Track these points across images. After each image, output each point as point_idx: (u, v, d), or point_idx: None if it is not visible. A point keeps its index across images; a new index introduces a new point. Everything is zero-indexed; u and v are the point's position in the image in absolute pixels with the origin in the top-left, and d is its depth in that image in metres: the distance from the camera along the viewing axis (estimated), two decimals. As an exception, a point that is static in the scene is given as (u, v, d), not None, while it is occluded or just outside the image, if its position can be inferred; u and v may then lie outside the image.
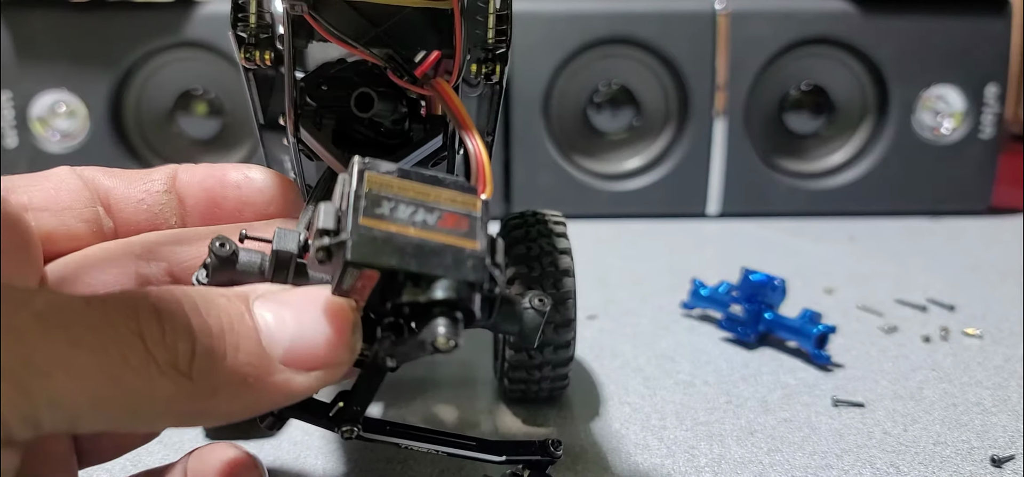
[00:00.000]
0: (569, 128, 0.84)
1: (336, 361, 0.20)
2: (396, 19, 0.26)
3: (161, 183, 0.27)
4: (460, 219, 0.21)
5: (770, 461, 0.35)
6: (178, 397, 0.18)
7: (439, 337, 0.19)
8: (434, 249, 0.20)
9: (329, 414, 0.26)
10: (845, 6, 0.80)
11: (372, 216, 0.20)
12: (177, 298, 0.19)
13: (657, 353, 0.47)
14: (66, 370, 0.17)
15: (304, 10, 0.24)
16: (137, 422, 0.19)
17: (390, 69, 0.26)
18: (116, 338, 0.18)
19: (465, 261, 0.20)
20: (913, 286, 0.60)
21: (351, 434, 0.26)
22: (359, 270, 0.19)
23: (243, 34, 0.26)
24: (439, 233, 0.20)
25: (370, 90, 0.27)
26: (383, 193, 0.20)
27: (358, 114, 0.27)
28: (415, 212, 0.20)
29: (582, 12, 0.79)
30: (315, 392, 0.21)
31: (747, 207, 0.84)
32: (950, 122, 0.83)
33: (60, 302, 0.18)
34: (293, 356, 0.20)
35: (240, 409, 0.20)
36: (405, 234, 0.20)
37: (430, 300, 0.19)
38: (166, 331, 0.18)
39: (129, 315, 0.18)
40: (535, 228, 0.37)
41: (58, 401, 0.17)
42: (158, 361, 0.18)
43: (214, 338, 0.19)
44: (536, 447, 0.30)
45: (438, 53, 0.26)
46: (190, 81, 0.79)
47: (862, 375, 0.44)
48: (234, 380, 0.19)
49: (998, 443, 0.36)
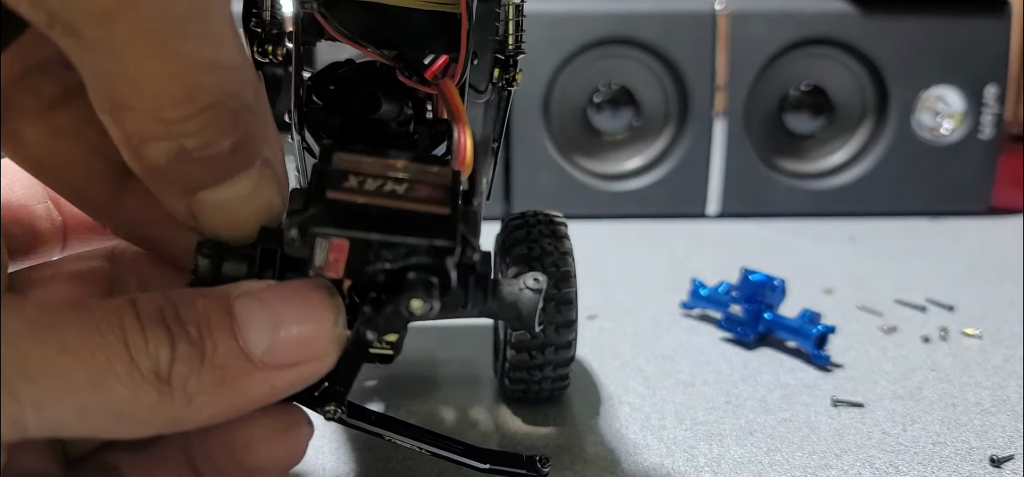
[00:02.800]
0: (569, 128, 0.84)
1: (319, 354, 0.20)
2: (405, 21, 0.26)
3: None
4: (432, 189, 0.20)
5: (769, 461, 0.35)
6: (160, 405, 0.18)
7: (413, 301, 0.19)
8: (403, 216, 0.20)
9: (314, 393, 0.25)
10: (845, 7, 0.80)
11: (339, 189, 0.20)
12: (159, 304, 0.19)
13: (657, 353, 0.47)
14: (53, 376, 0.17)
15: (314, 9, 0.24)
16: (121, 429, 0.19)
17: (399, 69, 0.26)
18: (103, 345, 0.18)
19: (435, 226, 0.20)
20: (913, 286, 0.60)
21: (333, 414, 0.25)
22: (327, 241, 0.19)
23: (257, 29, 0.25)
24: (409, 202, 0.20)
25: (377, 91, 0.27)
26: (351, 168, 0.20)
27: (364, 114, 0.27)
28: (384, 184, 0.20)
29: (582, 12, 0.79)
30: (300, 388, 0.20)
31: (747, 207, 0.84)
32: (950, 123, 0.83)
33: (50, 308, 0.18)
34: (274, 353, 0.19)
35: (221, 412, 0.20)
36: (374, 204, 0.20)
37: (402, 266, 0.19)
38: (148, 339, 0.18)
39: (115, 323, 0.18)
40: (536, 228, 0.36)
41: (44, 407, 0.17)
42: (141, 369, 0.18)
43: (192, 344, 0.19)
44: (523, 461, 0.29)
45: (446, 57, 0.26)
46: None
47: (861, 375, 0.44)
48: (211, 384, 0.19)
49: (997, 443, 0.36)
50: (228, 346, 0.19)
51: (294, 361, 0.20)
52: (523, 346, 0.36)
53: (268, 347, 0.19)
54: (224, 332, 0.19)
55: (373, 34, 0.26)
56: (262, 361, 0.19)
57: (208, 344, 0.19)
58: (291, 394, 0.21)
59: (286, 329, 0.20)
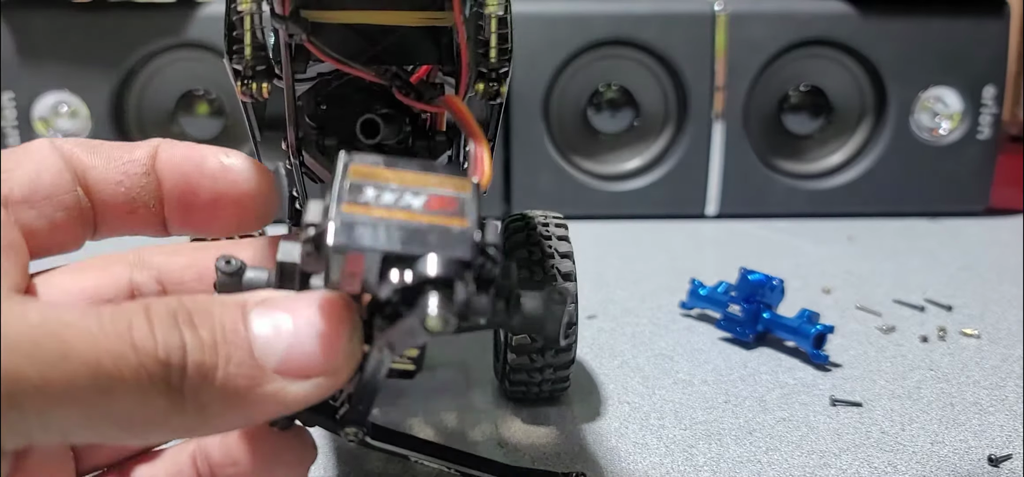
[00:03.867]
0: (569, 129, 0.84)
1: (332, 367, 0.20)
2: (392, 36, 0.26)
3: (141, 164, 0.25)
4: (448, 201, 0.20)
5: (768, 460, 0.35)
6: (170, 412, 0.18)
7: (429, 317, 0.18)
8: (420, 229, 0.19)
9: (336, 416, 0.25)
10: (843, 8, 0.80)
11: (355, 203, 0.19)
12: (172, 310, 0.18)
13: (656, 353, 0.47)
14: (58, 385, 0.17)
15: (303, 39, 0.24)
16: (130, 436, 0.18)
17: (396, 88, 0.26)
18: (110, 352, 0.17)
19: (453, 239, 0.19)
20: (911, 286, 0.60)
21: (355, 437, 0.25)
22: (342, 256, 0.19)
23: (239, 67, 0.25)
24: (426, 215, 0.20)
25: (375, 116, 0.26)
26: (367, 181, 0.20)
27: (365, 142, 0.27)
28: (401, 197, 0.20)
29: (582, 13, 0.80)
30: (314, 402, 0.20)
31: (745, 207, 0.84)
32: (948, 123, 0.83)
33: (55, 315, 0.18)
34: (288, 364, 0.19)
35: (233, 422, 0.19)
36: (390, 218, 0.19)
37: (418, 279, 0.19)
38: (159, 345, 0.18)
39: (123, 328, 0.18)
40: (536, 230, 0.37)
41: (49, 415, 0.17)
42: (151, 376, 0.17)
43: (206, 351, 0.18)
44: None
45: (428, 67, 0.26)
46: (192, 82, 0.79)
47: (860, 375, 0.44)
48: (225, 394, 0.18)
49: (995, 442, 0.36)
50: (242, 355, 0.19)
51: (308, 373, 0.19)
52: (524, 349, 0.36)
53: (282, 358, 0.19)
54: (238, 340, 0.19)
55: (361, 53, 0.25)
56: (276, 371, 0.19)
57: (222, 352, 0.18)
58: (307, 408, 0.21)
59: (300, 340, 0.19)
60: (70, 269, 0.25)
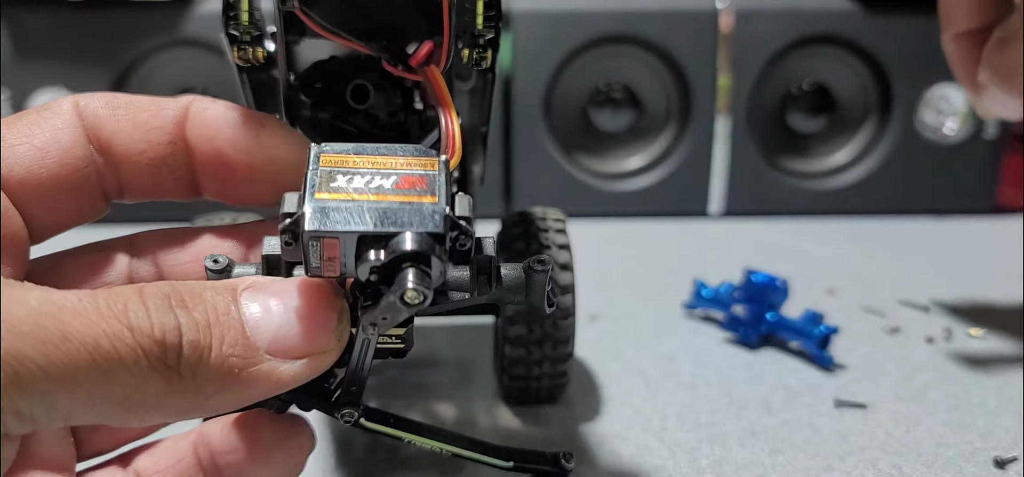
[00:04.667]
0: (570, 127, 0.84)
1: (320, 347, 0.21)
2: (386, 10, 0.26)
3: (166, 132, 0.24)
4: (417, 179, 0.21)
5: (772, 462, 0.34)
6: (168, 393, 0.19)
7: (407, 290, 0.19)
8: (391, 209, 0.20)
9: (331, 399, 0.26)
10: (848, 5, 0.80)
11: (327, 190, 0.20)
12: (164, 293, 0.19)
13: (659, 354, 0.47)
14: (60, 367, 0.17)
15: (296, 6, 0.24)
16: (129, 417, 0.19)
17: (384, 59, 0.26)
18: (108, 335, 0.18)
19: (424, 215, 0.20)
20: (916, 287, 0.60)
21: (351, 418, 0.26)
22: (319, 242, 0.20)
23: (235, 32, 0.25)
24: (397, 195, 0.21)
25: (366, 82, 0.27)
26: (338, 168, 0.21)
27: (354, 106, 0.27)
28: (371, 180, 0.21)
29: (584, 10, 0.79)
30: (304, 380, 0.21)
31: (749, 207, 0.84)
32: (953, 122, 0.82)
33: (54, 298, 0.18)
34: (278, 345, 0.20)
35: (228, 401, 0.20)
36: (362, 200, 0.20)
37: (393, 256, 0.20)
38: (155, 326, 0.18)
39: (120, 311, 0.18)
40: (533, 225, 0.37)
41: (52, 397, 0.18)
42: (148, 357, 0.18)
43: (200, 332, 0.19)
44: (547, 458, 0.29)
45: (431, 43, 0.26)
46: (188, 79, 0.79)
47: (865, 376, 0.43)
48: (220, 374, 0.19)
49: (1001, 444, 0.36)
50: (235, 335, 0.20)
51: (298, 352, 0.20)
52: (521, 341, 0.36)
53: (273, 338, 0.20)
54: (231, 321, 0.20)
55: (355, 27, 0.26)
56: (267, 351, 0.20)
57: (215, 332, 0.19)
58: (301, 390, 0.22)
59: (290, 320, 0.20)
60: (69, 254, 0.25)
